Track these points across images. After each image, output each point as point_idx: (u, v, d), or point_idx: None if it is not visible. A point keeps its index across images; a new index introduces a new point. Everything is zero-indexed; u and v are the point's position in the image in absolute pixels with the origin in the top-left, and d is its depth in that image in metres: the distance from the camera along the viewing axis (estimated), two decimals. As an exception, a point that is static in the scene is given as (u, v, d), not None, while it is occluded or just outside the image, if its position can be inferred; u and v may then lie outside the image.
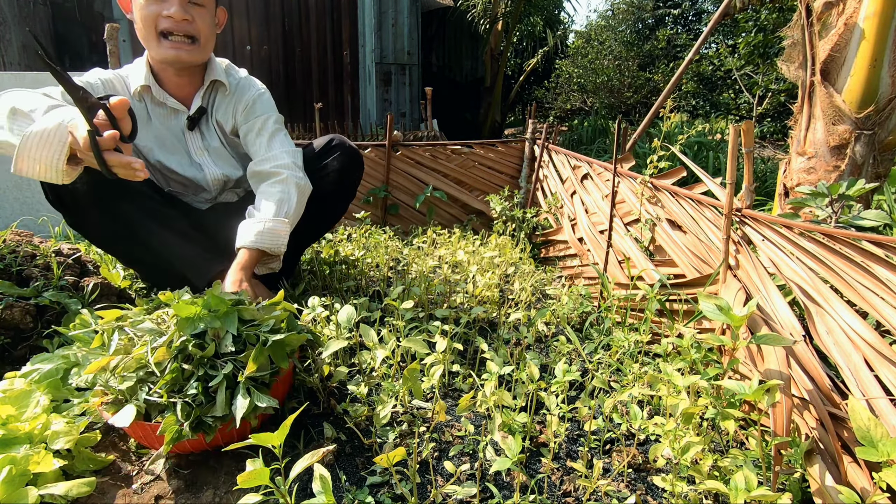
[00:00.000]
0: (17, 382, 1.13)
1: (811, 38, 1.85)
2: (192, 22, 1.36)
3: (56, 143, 1.04)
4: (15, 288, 1.41)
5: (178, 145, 1.53)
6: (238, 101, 1.55)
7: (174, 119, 1.51)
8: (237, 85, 1.56)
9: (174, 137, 1.52)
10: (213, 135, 1.57)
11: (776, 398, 0.93)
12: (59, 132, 1.04)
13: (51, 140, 1.03)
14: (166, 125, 1.51)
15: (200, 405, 0.93)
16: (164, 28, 1.35)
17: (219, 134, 1.58)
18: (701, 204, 1.52)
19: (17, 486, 0.87)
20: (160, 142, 1.50)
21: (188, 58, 1.40)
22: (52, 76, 0.98)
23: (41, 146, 1.03)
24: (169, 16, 1.33)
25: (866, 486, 0.89)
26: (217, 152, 1.58)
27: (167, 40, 1.36)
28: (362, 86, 7.62)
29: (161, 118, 1.50)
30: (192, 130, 1.53)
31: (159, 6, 1.33)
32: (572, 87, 11.74)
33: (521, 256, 2.38)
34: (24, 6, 5.41)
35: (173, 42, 1.36)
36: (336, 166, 1.58)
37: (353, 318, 1.17)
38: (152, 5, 1.33)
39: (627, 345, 1.36)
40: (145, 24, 1.34)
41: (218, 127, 1.57)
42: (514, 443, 0.84)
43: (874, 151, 1.78)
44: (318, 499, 0.78)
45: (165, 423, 0.91)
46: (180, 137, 1.53)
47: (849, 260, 1.04)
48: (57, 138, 1.04)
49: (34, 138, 1.03)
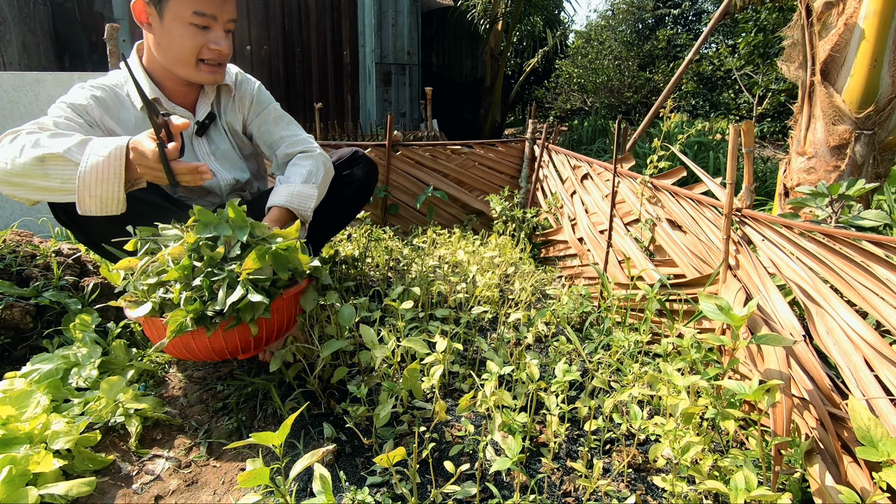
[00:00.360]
0: (17, 382, 1.13)
1: (811, 38, 1.85)
2: (231, 49, 1.40)
3: (112, 176, 1.09)
4: (15, 288, 1.41)
5: (186, 153, 1.51)
6: (242, 98, 1.58)
7: None
8: (236, 83, 1.58)
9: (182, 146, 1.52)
10: (222, 138, 1.57)
11: (776, 398, 0.93)
12: (111, 164, 1.09)
13: (107, 175, 1.09)
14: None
15: (205, 302, 0.99)
16: (207, 57, 1.36)
17: (229, 136, 1.59)
18: (701, 204, 1.52)
19: (17, 486, 0.87)
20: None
21: (221, 79, 1.44)
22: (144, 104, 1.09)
23: (98, 184, 1.09)
24: (217, 49, 1.35)
25: (866, 486, 0.89)
26: (225, 156, 1.58)
27: (205, 65, 1.38)
28: (362, 86, 7.61)
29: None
30: (201, 137, 1.53)
31: (205, 37, 1.33)
32: (572, 87, 11.74)
33: (521, 256, 2.38)
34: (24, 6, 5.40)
35: (211, 67, 1.39)
36: (360, 174, 1.71)
37: (353, 318, 1.17)
38: (199, 36, 1.33)
39: (627, 345, 1.36)
40: (188, 51, 1.34)
41: (228, 129, 1.59)
42: (514, 443, 0.84)
43: (874, 151, 1.78)
44: (318, 499, 0.78)
45: (171, 315, 0.98)
46: (188, 145, 1.52)
47: (849, 260, 1.04)
48: (112, 171, 1.09)
49: (90, 176, 1.08)
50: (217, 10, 1.31)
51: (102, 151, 1.09)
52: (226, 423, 1.18)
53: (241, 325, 1.03)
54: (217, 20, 1.33)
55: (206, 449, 1.11)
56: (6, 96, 2.28)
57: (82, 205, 1.11)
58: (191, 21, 1.30)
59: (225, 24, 1.35)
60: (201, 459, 1.08)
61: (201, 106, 1.51)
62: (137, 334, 1.46)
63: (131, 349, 1.35)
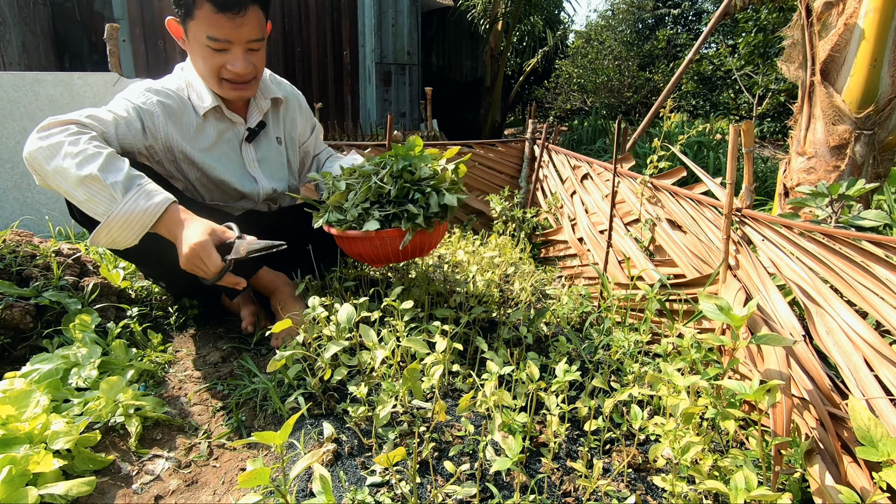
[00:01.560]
0: (17, 382, 1.13)
1: (811, 38, 1.85)
2: (252, 69, 1.38)
3: (138, 228, 1.14)
4: (15, 288, 1.41)
5: (234, 158, 1.55)
6: (300, 109, 1.70)
7: (232, 132, 1.54)
8: (292, 95, 1.67)
9: (231, 151, 1.55)
10: (270, 147, 1.62)
11: (776, 398, 0.93)
12: (143, 219, 1.13)
13: (133, 226, 1.14)
14: (224, 138, 1.53)
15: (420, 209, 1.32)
16: (227, 77, 1.37)
17: (276, 146, 1.64)
18: (701, 204, 1.52)
19: (17, 486, 0.87)
20: (222, 159, 1.52)
21: (248, 94, 1.45)
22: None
23: (121, 229, 1.14)
24: (234, 71, 1.34)
25: (866, 486, 0.89)
26: (270, 163, 1.62)
27: (228, 83, 1.39)
28: (362, 86, 7.62)
29: (220, 132, 1.51)
30: (250, 143, 1.57)
31: (223, 58, 1.33)
32: (572, 87, 11.74)
33: (521, 256, 2.38)
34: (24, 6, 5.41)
35: (233, 85, 1.39)
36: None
37: (353, 318, 1.17)
38: (216, 57, 1.33)
39: (627, 345, 1.36)
40: (208, 70, 1.36)
41: (277, 139, 1.65)
42: (514, 443, 0.84)
43: (874, 151, 1.78)
44: (318, 499, 0.78)
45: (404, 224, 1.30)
46: (237, 150, 1.55)
47: (849, 260, 1.04)
48: (140, 224, 1.14)
49: (117, 219, 1.12)
50: (231, 35, 1.30)
51: (142, 203, 1.13)
52: (226, 423, 1.18)
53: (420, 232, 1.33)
54: (233, 43, 1.32)
55: (206, 449, 1.11)
56: (6, 96, 2.28)
57: (96, 235, 1.15)
58: (206, 44, 1.31)
59: (246, 45, 1.34)
60: (201, 459, 1.08)
61: (253, 113, 1.55)
62: (137, 334, 1.46)
63: (131, 349, 1.35)
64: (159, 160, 1.44)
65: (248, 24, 1.31)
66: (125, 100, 1.35)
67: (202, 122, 1.46)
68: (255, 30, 1.33)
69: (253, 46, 1.36)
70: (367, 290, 1.82)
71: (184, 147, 1.43)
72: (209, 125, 1.48)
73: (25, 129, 2.32)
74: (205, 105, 1.44)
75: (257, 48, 1.37)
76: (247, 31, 1.32)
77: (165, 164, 1.45)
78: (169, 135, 1.40)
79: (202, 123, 1.46)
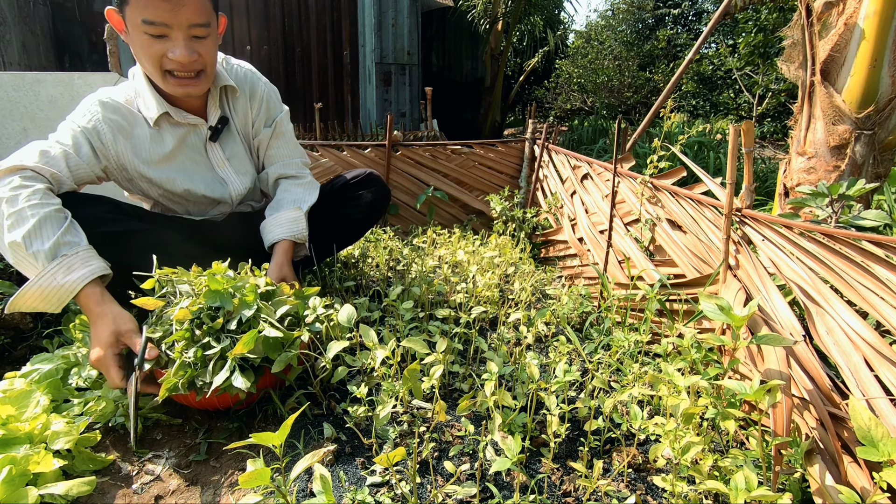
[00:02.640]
0: (17, 382, 1.13)
1: (811, 38, 1.85)
2: (198, 58, 1.25)
3: (55, 300, 1.09)
4: (15, 288, 1.41)
5: (201, 162, 1.46)
6: (252, 98, 1.52)
7: (193, 134, 1.43)
8: (244, 81, 1.50)
9: (196, 154, 1.45)
10: (235, 142, 1.51)
11: (776, 398, 0.93)
12: (61, 294, 1.08)
13: (49, 298, 1.09)
14: (187, 143, 1.42)
15: (197, 367, 1.03)
16: (170, 69, 1.25)
17: (241, 139, 1.54)
18: (701, 204, 1.52)
19: (17, 486, 0.87)
20: (184, 168, 1.43)
21: (197, 91, 1.32)
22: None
23: (40, 300, 1.09)
24: (174, 59, 1.22)
25: (866, 486, 0.89)
26: (239, 159, 1.52)
27: (173, 77, 1.26)
28: (362, 86, 7.61)
29: (179, 138, 1.40)
30: (215, 142, 1.47)
31: (162, 45, 1.21)
32: (572, 87, 11.73)
33: (521, 256, 2.38)
34: (24, 6, 5.40)
35: (179, 79, 1.27)
36: (369, 198, 1.71)
37: (353, 318, 1.17)
38: (155, 45, 1.21)
39: (627, 345, 1.36)
40: (148, 60, 1.24)
41: (240, 131, 1.53)
42: (514, 443, 0.84)
43: (874, 151, 1.78)
44: (318, 499, 0.78)
45: (164, 379, 1.02)
46: (202, 153, 1.45)
47: (849, 260, 1.04)
48: (57, 298, 1.09)
49: (34, 293, 1.08)
50: (167, 17, 1.17)
51: (59, 278, 1.07)
52: (226, 424, 1.18)
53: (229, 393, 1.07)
54: (171, 27, 1.19)
55: (206, 449, 1.11)
56: (6, 96, 2.28)
57: (13, 302, 1.09)
58: (144, 30, 1.19)
59: (188, 31, 1.21)
60: (201, 459, 1.08)
61: (211, 110, 1.43)
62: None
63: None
64: (117, 179, 1.38)
65: (187, 5, 1.18)
66: (71, 123, 1.28)
67: (155, 131, 1.36)
68: (196, 12, 1.20)
69: (197, 33, 1.23)
70: (367, 291, 1.82)
71: (136, 164, 1.35)
72: (164, 133, 1.37)
73: (25, 129, 2.32)
74: (151, 115, 1.33)
75: (203, 35, 1.24)
76: (186, 13, 1.19)
77: (124, 184, 1.40)
78: (119, 152, 1.32)
79: (156, 133, 1.36)
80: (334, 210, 1.68)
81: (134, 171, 1.36)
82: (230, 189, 1.51)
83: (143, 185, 1.40)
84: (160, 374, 1.09)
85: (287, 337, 1.10)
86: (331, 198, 1.68)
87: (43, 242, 1.08)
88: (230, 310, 1.09)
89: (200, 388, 1.03)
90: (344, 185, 1.71)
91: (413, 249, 2.30)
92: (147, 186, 1.40)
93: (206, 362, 1.04)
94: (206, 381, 1.02)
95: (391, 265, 2.12)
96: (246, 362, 1.06)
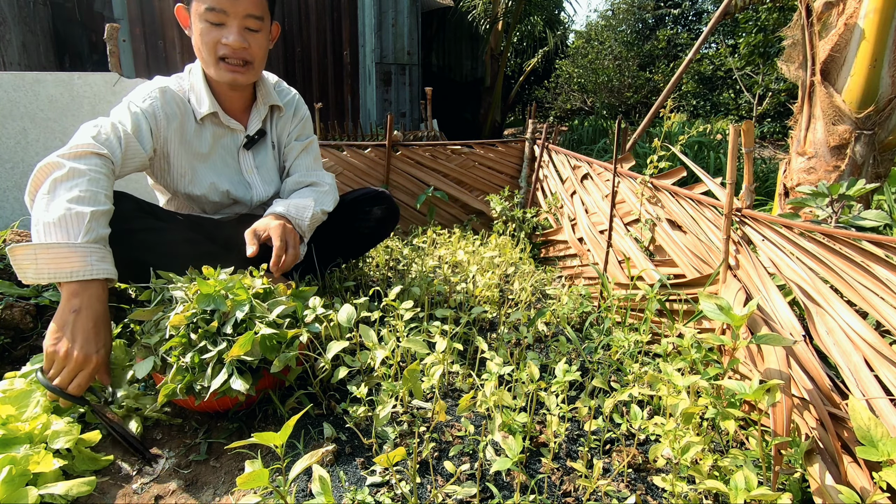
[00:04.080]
0: (17, 382, 1.13)
1: (811, 38, 1.85)
2: (248, 48, 1.39)
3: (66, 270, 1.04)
4: (15, 288, 1.41)
5: (231, 164, 1.55)
6: (294, 116, 1.65)
7: (230, 138, 1.54)
8: (291, 103, 1.64)
9: (228, 157, 1.54)
10: (267, 154, 1.61)
11: (776, 398, 0.93)
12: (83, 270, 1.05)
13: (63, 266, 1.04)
14: (221, 144, 1.53)
15: (195, 372, 1.03)
16: (223, 54, 1.37)
17: (274, 152, 1.63)
18: (701, 204, 1.52)
19: (17, 486, 0.87)
20: (214, 166, 1.52)
21: (243, 80, 1.43)
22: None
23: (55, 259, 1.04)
24: (227, 44, 1.35)
25: (866, 486, 0.89)
26: (267, 169, 1.61)
27: (224, 63, 1.39)
28: (362, 86, 7.61)
29: (217, 138, 1.51)
30: (248, 150, 1.56)
31: (219, 32, 1.35)
32: (572, 87, 11.74)
33: (521, 256, 2.38)
34: (24, 6, 5.40)
35: (229, 65, 1.39)
36: (379, 214, 1.79)
37: (353, 318, 1.17)
38: (213, 31, 1.35)
39: (627, 345, 1.36)
40: (205, 47, 1.37)
41: (275, 146, 1.64)
42: (514, 443, 0.84)
43: (874, 151, 1.78)
44: (317, 499, 0.78)
45: (162, 385, 1.03)
46: (234, 155, 1.55)
47: (849, 260, 1.04)
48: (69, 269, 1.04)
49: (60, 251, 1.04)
50: (227, 5, 1.32)
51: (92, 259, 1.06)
52: (226, 424, 1.18)
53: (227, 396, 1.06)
54: (228, 14, 1.33)
55: (206, 449, 1.11)
56: (6, 96, 2.28)
57: (34, 248, 1.04)
58: (206, 18, 1.33)
59: (242, 21, 1.35)
60: (201, 459, 1.08)
61: (254, 120, 1.55)
62: (137, 334, 1.46)
63: (131, 349, 1.35)
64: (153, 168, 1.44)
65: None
66: (131, 105, 1.35)
67: (199, 126, 1.46)
68: (253, 5, 1.35)
69: (250, 24, 1.36)
70: (367, 291, 1.82)
71: (180, 153, 1.43)
72: (206, 130, 1.48)
73: (25, 128, 2.32)
74: (202, 110, 1.44)
75: (255, 28, 1.38)
76: (244, 4, 1.34)
77: (157, 171, 1.45)
78: (169, 138, 1.40)
79: (199, 128, 1.46)
80: (343, 222, 1.73)
81: (175, 159, 1.43)
82: (253, 193, 1.58)
83: (176, 175, 1.46)
84: (159, 379, 1.09)
85: (283, 335, 1.10)
86: (341, 209, 1.73)
87: (102, 228, 1.11)
88: (225, 311, 1.09)
89: (199, 392, 1.03)
90: (355, 200, 1.78)
91: (413, 249, 2.30)
92: (177, 177, 1.47)
93: (204, 366, 1.04)
94: (205, 386, 1.02)
95: (391, 265, 2.12)
96: (244, 364, 1.06)
